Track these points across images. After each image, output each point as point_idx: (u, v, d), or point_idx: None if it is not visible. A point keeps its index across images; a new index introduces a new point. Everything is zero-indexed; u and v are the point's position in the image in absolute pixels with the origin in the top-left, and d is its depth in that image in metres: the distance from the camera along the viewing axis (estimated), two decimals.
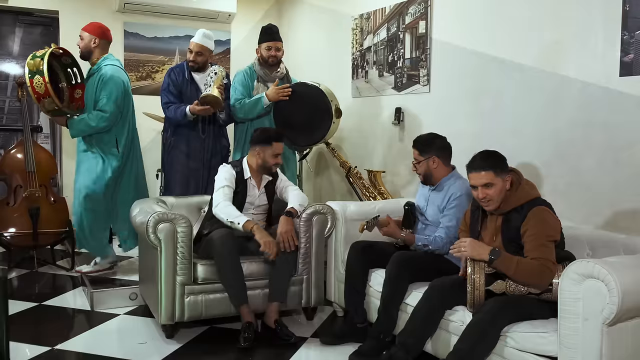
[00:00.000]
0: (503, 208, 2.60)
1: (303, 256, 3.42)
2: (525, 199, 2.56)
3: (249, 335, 3.08)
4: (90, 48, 3.99)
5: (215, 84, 3.81)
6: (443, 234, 3.02)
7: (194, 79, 4.04)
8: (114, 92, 3.87)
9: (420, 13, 4.18)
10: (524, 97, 3.42)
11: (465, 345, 2.41)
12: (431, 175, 3.14)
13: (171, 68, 4.13)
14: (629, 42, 2.84)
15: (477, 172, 2.59)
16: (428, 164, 3.13)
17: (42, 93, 3.68)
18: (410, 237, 3.08)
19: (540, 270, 2.40)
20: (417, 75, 4.24)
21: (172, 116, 3.95)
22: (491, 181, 2.56)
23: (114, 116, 3.90)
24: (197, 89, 4.00)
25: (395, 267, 2.94)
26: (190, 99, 3.96)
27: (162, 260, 3.11)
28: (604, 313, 2.06)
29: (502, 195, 2.58)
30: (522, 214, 2.53)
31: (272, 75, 4.15)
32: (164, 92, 4.01)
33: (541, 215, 2.50)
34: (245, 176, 3.41)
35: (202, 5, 5.55)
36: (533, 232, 2.47)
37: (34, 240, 4.38)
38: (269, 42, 4.09)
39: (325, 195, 5.32)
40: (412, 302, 2.82)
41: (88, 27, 4.03)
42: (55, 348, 3.07)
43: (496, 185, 2.56)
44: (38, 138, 5.37)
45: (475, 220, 2.77)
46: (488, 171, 2.56)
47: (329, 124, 3.99)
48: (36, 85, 3.67)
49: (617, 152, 2.93)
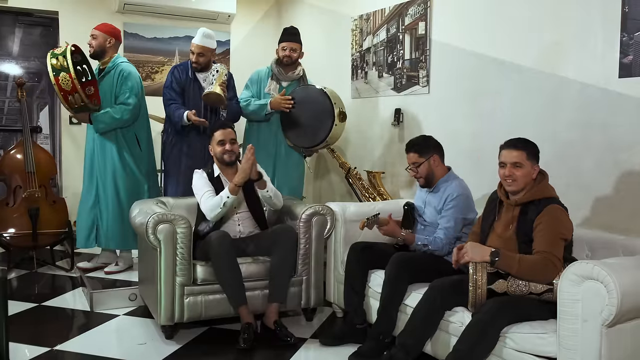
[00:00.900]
0: (522, 198, 2.61)
1: (302, 257, 3.42)
2: (544, 195, 2.59)
3: (248, 336, 3.08)
4: (104, 47, 4.06)
5: (217, 81, 3.83)
6: (442, 235, 3.02)
7: (197, 78, 4.05)
8: (135, 87, 4.00)
9: (419, 14, 4.18)
10: (523, 98, 3.43)
11: (464, 346, 2.41)
12: (434, 176, 3.14)
13: (175, 65, 4.15)
14: (628, 43, 2.85)
15: (509, 149, 2.63)
16: (430, 164, 3.13)
17: (70, 90, 3.71)
18: (410, 237, 3.08)
19: (543, 264, 2.41)
20: (416, 76, 4.24)
21: (171, 114, 3.97)
22: (521, 161, 2.59)
23: (137, 109, 4.01)
24: (200, 88, 4.01)
25: (394, 268, 2.94)
26: (192, 97, 3.99)
27: (161, 261, 3.11)
28: (603, 314, 2.06)
29: (526, 181, 2.60)
30: (538, 208, 2.55)
31: (286, 75, 4.19)
32: (166, 89, 4.03)
33: (556, 212, 2.52)
34: (214, 174, 3.44)
35: (202, 5, 5.55)
36: (545, 226, 2.49)
37: (33, 240, 4.38)
38: (284, 42, 4.14)
39: (325, 196, 5.32)
40: (411, 303, 2.82)
41: (102, 27, 4.08)
42: (55, 349, 3.07)
43: (524, 167, 2.59)
44: (37, 139, 5.37)
45: (490, 211, 2.78)
46: (521, 151, 2.61)
47: (330, 125, 3.99)
48: (62, 83, 3.69)
49: (616, 153, 2.94)
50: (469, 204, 3.10)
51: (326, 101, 4.00)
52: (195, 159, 4.05)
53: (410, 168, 3.19)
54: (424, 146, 3.15)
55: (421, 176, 3.16)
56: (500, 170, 2.67)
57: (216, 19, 5.76)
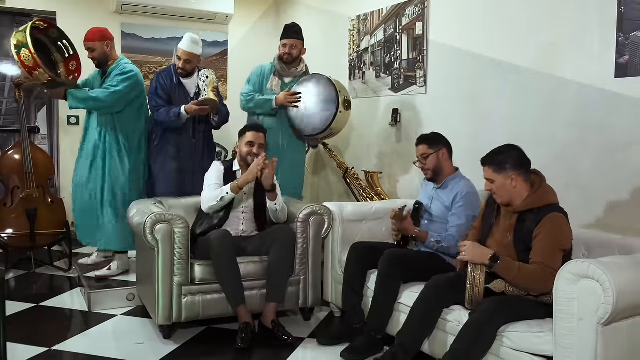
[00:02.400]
0: (519, 207, 2.58)
1: (300, 257, 3.43)
2: (543, 203, 2.54)
3: (246, 336, 3.09)
4: (106, 53, 3.97)
5: (209, 87, 3.82)
6: (455, 232, 3.03)
7: (182, 83, 4.00)
8: (130, 81, 3.87)
9: (417, 14, 4.19)
10: (521, 99, 3.44)
11: (461, 345, 2.42)
12: (441, 169, 3.16)
13: (159, 72, 4.07)
14: (624, 43, 2.86)
15: (483, 166, 2.66)
16: (438, 157, 3.16)
17: (32, 65, 3.63)
18: (423, 234, 3.09)
19: (541, 276, 2.40)
20: (414, 77, 4.25)
21: (163, 119, 3.88)
22: (490, 177, 2.60)
23: (120, 96, 3.85)
24: (186, 93, 3.97)
25: (386, 266, 2.96)
26: (179, 103, 3.91)
27: (159, 260, 3.12)
28: (599, 313, 2.07)
29: (507, 193, 2.58)
30: (537, 217, 2.51)
31: (289, 71, 4.18)
32: (152, 96, 3.96)
33: (556, 222, 2.48)
34: (233, 168, 3.48)
35: (200, 6, 5.56)
36: (544, 237, 2.46)
37: (31, 241, 4.38)
38: (284, 39, 4.14)
39: (323, 196, 5.32)
40: (408, 302, 2.83)
41: (92, 36, 3.95)
42: (53, 349, 3.07)
43: (496, 181, 2.59)
44: (35, 139, 5.37)
45: (489, 213, 2.78)
46: (487, 167, 2.62)
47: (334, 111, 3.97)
48: (25, 59, 3.62)
49: (613, 153, 2.95)
50: (476, 202, 3.12)
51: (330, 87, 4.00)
52: (185, 161, 4.01)
53: (419, 160, 3.21)
54: (435, 139, 3.20)
55: (429, 168, 3.18)
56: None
57: (214, 20, 5.77)
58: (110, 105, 3.87)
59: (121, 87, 3.85)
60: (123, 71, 3.91)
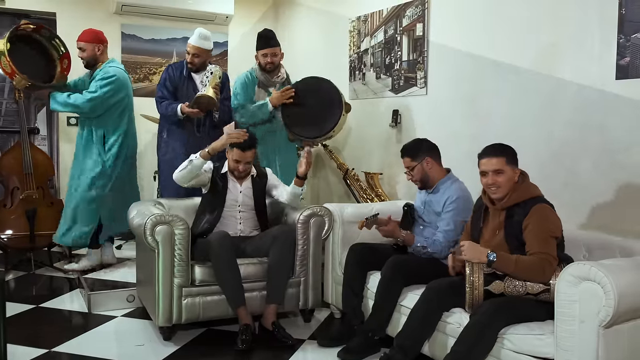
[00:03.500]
0: (507, 202, 2.62)
1: (300, 258, 3.42)
2: (528, 196, 2.60)
3: (246, 338, 3.08)
4: (95, 56, 4.07)
5: (210, 83, 3.82)
6: (442, 237, 3.03)
7: (192, 77, 4.04)
8: (110, 86, 3.96)
9: (417, 15, 4.19)
10: (521, 100, 3.43)
11: (462, 347, 2.42)
12: (428, 178, 3.15)
13: (171, 64, 4.13)
14: (625, 45, 2.86)
15: (489, 157, 2.64)
16: (423, 167, 3.14)
17: (10, 72, 3.86)
18: (409, 238, 3.08)
19: (540, 264, 2.43)
20: (414, 78, 4.25)
21: (163, 111, 3.95)
22: (502, 168, 2.60)
23: (98, 102, 3.96)
24: (194, 88, 3.99)
25: (390, 271, 2.96)
26: (185, 96, 3.95)
27: (159, 262, 3.11)
28: (600, 315, 2.06)
29: (509, 186, 2.61)
30: (525, 210, 2.56)
31: (272, 80, 4.16)
32: (159, 87, 4.02)
33: (543, 211, 2.53)
34: (222, 171, 3.48)
35: (200, 7, 5.55)
36: (534, 227, 2.50)
37: (31, 242, 4.38)
38: (264, 49, 4.09)
39: (323, 197, 5.32)
40: (409, 304, 2.83)
41: (85, 37, 4.06)
42: (52, 350, 3.06)
43: (506, 173, 2.60)
44: (35, 140, 5.37)
45: (477, 218, 2.80)
46: (500, 158, 2.62)
47: (339, 115, 3.96)
48: (4, 66, 3.85)
49: (613, 154, 2.95)
50: (468, 206, 3.09)
51: (334, 89, 3.99)
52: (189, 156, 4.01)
53: (406, 172, 3.21)
54: (415, 150, 3.16)
55: (416, 179, 3.18)
56: (482, 179, 2.67)
57: (214, 20, 5.76)
58: (88, 111, 4.00)
59: (99, 92, 3.95)
60: (104, 76, 3.98)
